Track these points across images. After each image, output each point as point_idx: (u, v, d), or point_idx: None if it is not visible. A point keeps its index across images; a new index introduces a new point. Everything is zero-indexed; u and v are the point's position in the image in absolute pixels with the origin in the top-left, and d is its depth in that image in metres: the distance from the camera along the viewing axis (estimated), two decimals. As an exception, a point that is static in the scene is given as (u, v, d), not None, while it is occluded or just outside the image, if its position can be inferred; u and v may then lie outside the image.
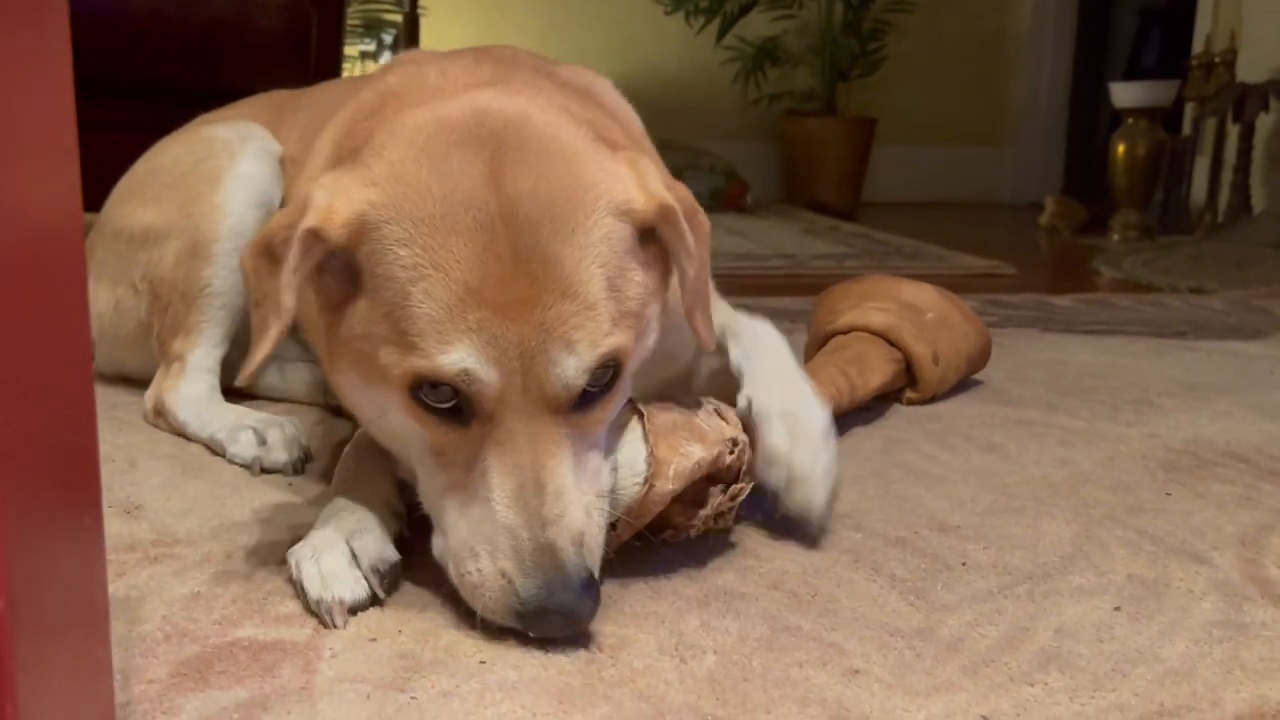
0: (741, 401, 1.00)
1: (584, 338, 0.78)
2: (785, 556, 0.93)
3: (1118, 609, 0.86)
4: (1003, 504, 1.09)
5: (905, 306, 1.45)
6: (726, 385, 1.15)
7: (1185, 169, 4.02)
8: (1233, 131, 3.75)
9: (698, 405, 0.94)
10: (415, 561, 0.91)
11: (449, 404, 0.79)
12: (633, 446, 0.87)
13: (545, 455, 0.78)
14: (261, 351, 0.83)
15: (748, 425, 0.96)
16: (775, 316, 2.10)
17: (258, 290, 0.84)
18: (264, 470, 1.15)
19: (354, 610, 0.81)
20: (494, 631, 0.79)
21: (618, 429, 0.88)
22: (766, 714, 0.69)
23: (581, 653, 0.77)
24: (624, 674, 0.74)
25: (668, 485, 0.85)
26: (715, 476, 0.90)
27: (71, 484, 0.49)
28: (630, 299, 0.82)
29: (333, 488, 0.95)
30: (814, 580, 0.89)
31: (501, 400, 0.77)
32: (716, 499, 0.90)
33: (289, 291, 0.80)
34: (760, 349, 1.08)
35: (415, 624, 0.81)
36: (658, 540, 0.90)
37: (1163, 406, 1.48)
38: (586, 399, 0.80)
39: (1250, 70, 3.78)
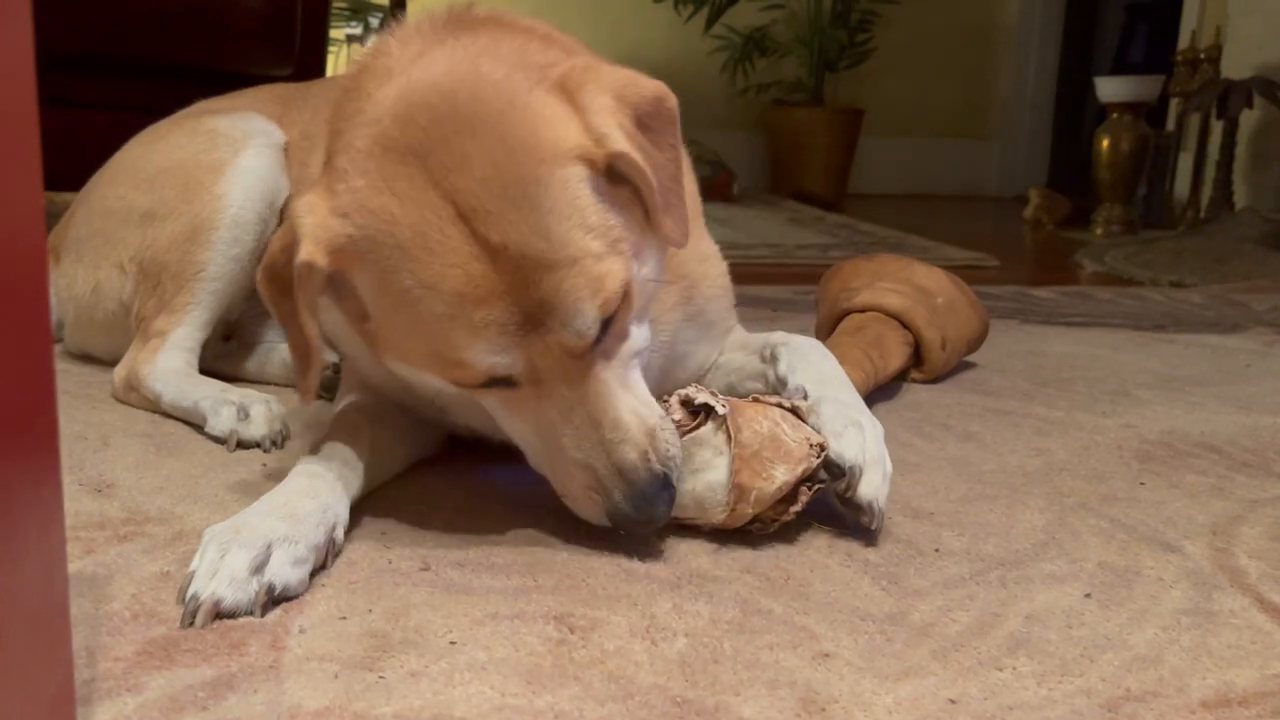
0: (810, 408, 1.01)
1: (583, 294, 0.81)
2: (759, 541, 0.93)
3: (1088, 596, 0.86)
4: (977, 492, 1.09)
5: (919, 290, 1.48)
6: (734, 379, 1.18)
7: (1169, 164, 4.04)
8: (1216, 127, 3.77)
9: (780, 409, 0.95)
10: (389, 540, 0.91)
11: (493, 382, 0.85)
12: (717, 472, 0.91)
13: (589, 393, 0.85)
14: (312, 379, 0.90)
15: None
16: (760, 304, 2.11)
17: (276, 312, 0.89)
18: (240, 445, 1.14)
19: (221, 616, 0.77)
20: (464, 611, 0.79)
21: (702, 447, 0.92)
22: (736, 696, 0.69)
23: (552, 634, 0.76)
24: (594, 655, 0.74)
25: (749, 509, 0.91)
26: (803, 478, 0.93)
27: (28, 455, 0.48)
28: (612, 228, 0.83)
29: (295, 472, 0.92)
30: (786, 564, 0.90)
31: (533, 366, 0.84)
32: (804, 497, 0.93)
33: (310, 323, 0.86)
34: (809, 358, 1.11)
35: (385, 603, 0.80)
36: (742, 529, 0.93)
37: (1140, 398, 1.49)
38: (605, 323, 0.84)
39: (1235, 66, 3.80)
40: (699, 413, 0.94)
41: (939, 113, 5.46)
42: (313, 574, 0.84)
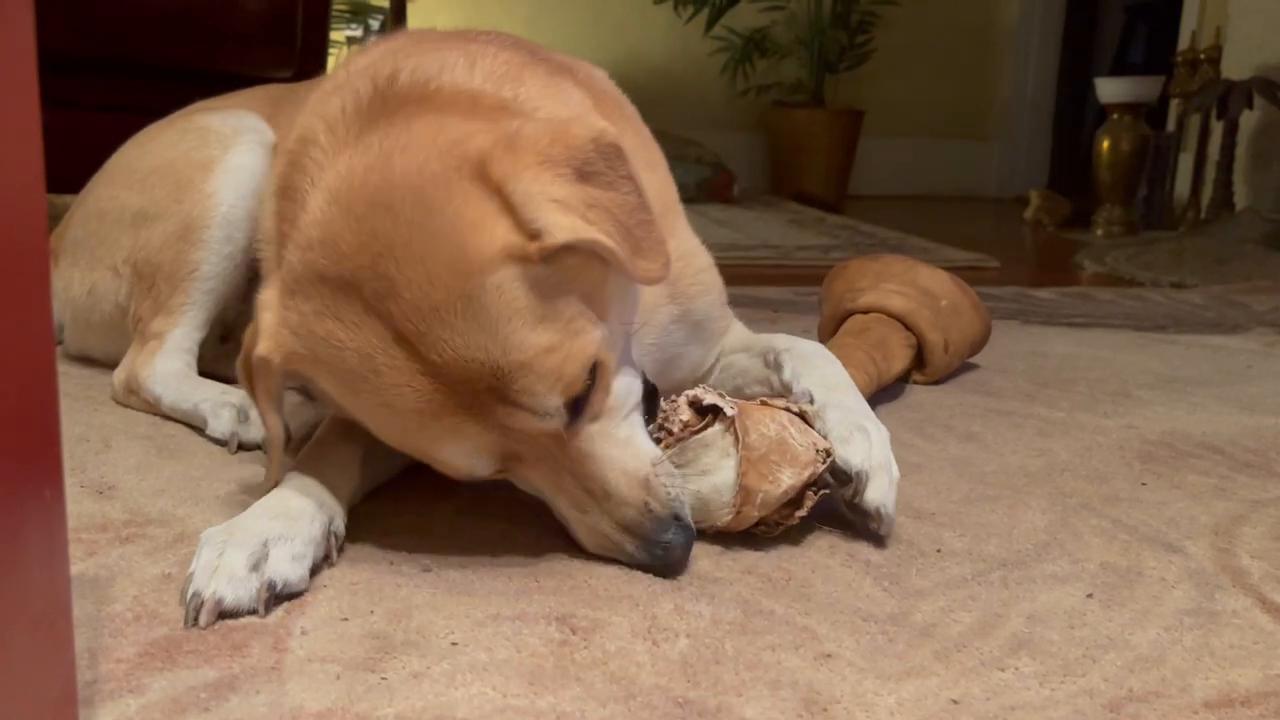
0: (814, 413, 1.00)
1: (539, 389, 0.79)
2: (760, 542, 0.93)
3: (1090, 596, 0.86)
4: (979, 492, 1.09)
5: (923, 292, 1.48)
6: (740, 381, 1.18)
7: (1169, 165, 4.04)
8: (1217, 128, 3.77)
9: (787, 412, 0.95)
10: (391, 541, 0.91)
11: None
12: (724, 474, 0.90)
13: (575, 465, 0.84)
14: (274, 470, 0.92)
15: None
16: (761, 306, 2.11)
17: (251, 396, 0.90)
18: (241, 447, 1.14)
19: (224, 615, 0.77)
20: (466, 612, 0.79)
21: (709, 449, 0.92)
22: (738, 696, 0.69)
23: (554, 635, 0.76)
24: (596, 656, 0.74)
25: (754, 511, 0.91)
26: (809, 483, 0.93)
27: (31, 457, 0.49)
28: (562, 312, 0.80)
29: (288, 474, 0.93)
30: (788, 565, 0.89)
31: (512, 452, 0.84)
32: (810, 501, 0.93)
33: (270, 414, 0.88)
34: (814, 363, 1.10)
35: (387, 604, 0.80)
36: (746, 532, 0.93)
37: (1141, 398, 1.49)
38: (578, 400, 0.82)
39: (1235, 67, 3.80)
40: (707, 413, 0.94)
41: (939, 114, 5.46)
42: (317, 569, 0.84)
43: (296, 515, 0.85)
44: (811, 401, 1.02)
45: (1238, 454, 1.25)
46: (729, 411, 0.92)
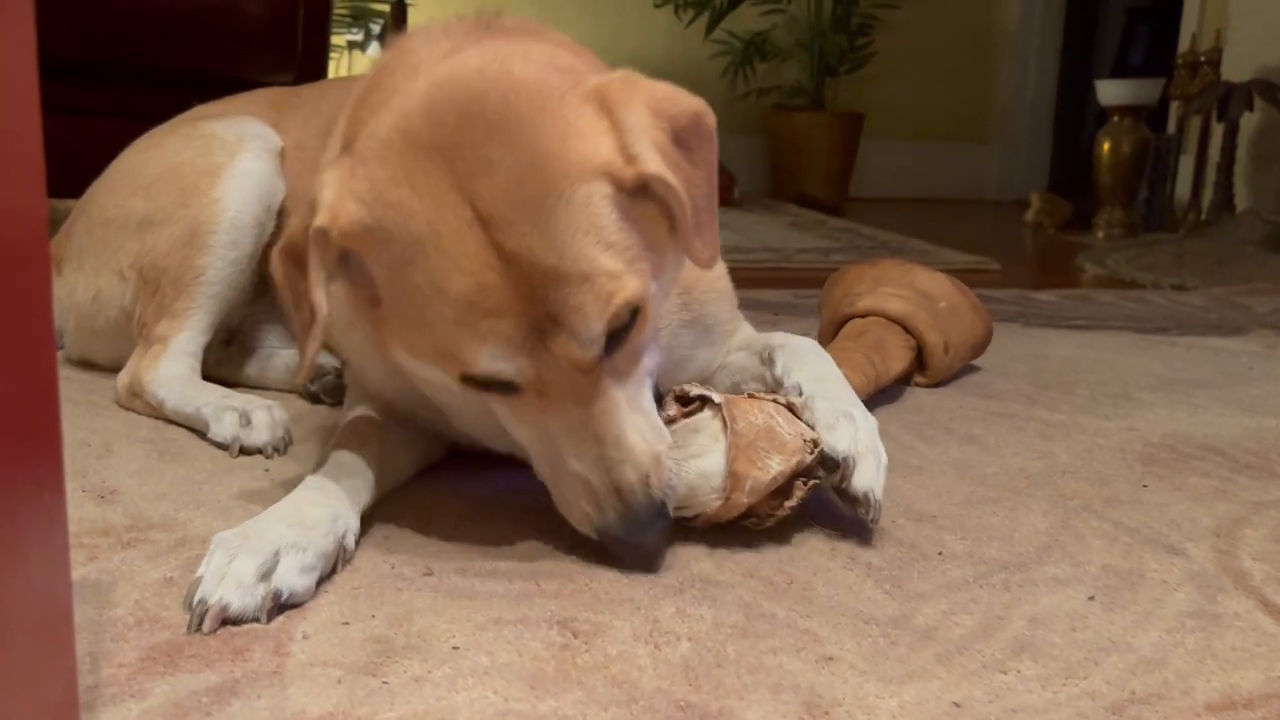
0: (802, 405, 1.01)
1: (591, 309, 0.80)
2: (762, 545, 0.93)
3: (1092, 599, 0.86)
4: (980, 495, 1.09)
5: (921, 294, 1.48)
6: (738, 378, 1.18)
7: (1170, 167, 4.04)
8: (1217, 130, 3.77)
9: (774, 403, 0.96)
10: (392, 546, 0.91)
11: (497, 385, 0.84)
12: (713, 458, 0.90)
13: (595, 409, 0.84)
14: (311, 350, 0.88)
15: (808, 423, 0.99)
16: (761, 308, 2.11)
17: (291, 294, 0.88)
18: (243, 451, 1.15)
19: (228, 622, 0.77)
20: (468, 616, 0.79)
21: (697, 433, 0.92)
22: (739, 700, 0.69)
23: (556, 638, 0.76)
24: (598, 660, 0.74)
25: (743, 498, 0.90)
26: (797, 472, 0.93)
27: (31, 461, 0.49)
28: (630, 246, 0.82)
29: (305, 481, 0.92)
30: (790, 568, 0.89)
31: (539, 376, 0.82)
32: (799, 492, 0.93)
33: (319, 289, 0.85)
34: (805, 359, 1.10)
35: (389, 608, 0.80)
36: (738, 526, 0.93)
37: (1142, 400, 1.49)
38: (614, 339, 0.83)
39: (1235, 69, 3.80)
40: (693, 404, 0.94)
41: (939, 117, 5.46)
42: (322, 579, 0.84)
43: (312, 525, 0.85)
44: (800, 394, 1.02)
45: (1239, 456, 1.25)
46: (716, 400, 0.92)
